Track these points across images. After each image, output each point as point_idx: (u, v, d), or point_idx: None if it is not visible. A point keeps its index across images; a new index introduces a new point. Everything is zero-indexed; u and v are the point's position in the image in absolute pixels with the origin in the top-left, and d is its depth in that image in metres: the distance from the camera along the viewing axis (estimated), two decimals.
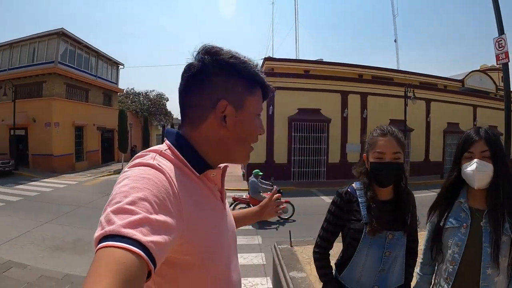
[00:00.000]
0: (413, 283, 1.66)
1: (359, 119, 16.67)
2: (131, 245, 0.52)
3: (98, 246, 0.53)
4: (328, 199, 11.28)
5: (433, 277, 1.60)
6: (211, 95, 0.78)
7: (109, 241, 0.52)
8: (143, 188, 0.61)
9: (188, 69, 0.80)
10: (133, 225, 0.54)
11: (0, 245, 5.66)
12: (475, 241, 1.36)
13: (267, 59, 18.79)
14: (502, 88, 28.18)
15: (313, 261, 1.67)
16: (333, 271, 1.63)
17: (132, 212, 0.56)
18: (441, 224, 1.49)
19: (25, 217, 7.80)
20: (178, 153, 0.77)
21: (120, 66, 26.65)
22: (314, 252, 1.64)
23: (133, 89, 32.38)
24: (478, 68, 27.87)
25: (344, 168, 16.17)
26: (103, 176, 17.03)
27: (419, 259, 1.66)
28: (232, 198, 8.43)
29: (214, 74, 0.77)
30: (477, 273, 1.34)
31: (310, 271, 3.72)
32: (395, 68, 24.14)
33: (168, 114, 34.25)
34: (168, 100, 33.90)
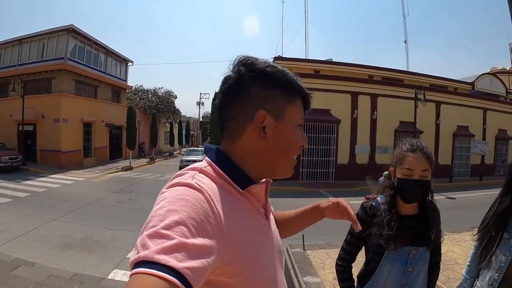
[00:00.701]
0: (456, 283, 1.74)
1: (369, 121, 16.57)
2: (164, 272, 0.51)
3: (132, 271, 0.53)
4: None
5: (476, 280, 1.63)
6: (248, 106, 0.75)
7: (142, 267, 0.52)
8: (179, 211, 0.60)
9: (225, 82, 0.79)
10: (168, 251, 0.54)
11: (8, 242, 5.62)
12: None
13: (277, 58, 18.70)
14: None
15: (326, 266, 1.67)
16: (355, 284, 1.64)
17: (167, 237, 0.55)
18: (501, 233, 1.48)
19: (32, 213, 7.73)
20: (219, 169, 0.75)
21: (129, 63, 26.68)
22: (337, 265, 1.65)
23: (141, 86, 32.38)
24: (488, 70, 27.64)
25: (353, 169, 16.20)
26: (110, 173, 17.05)
27: (467, 262, 1.70)
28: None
29: (251, 85, 0.75)
30: None
31: (324, 276, 3.68)
32: (405, 69, 24.01)
33: (176, 111, 34.08)
34: (176, 97, 33.79)
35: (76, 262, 4.85)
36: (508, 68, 28.82)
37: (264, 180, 0.84)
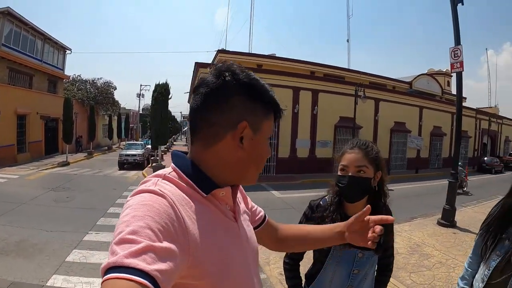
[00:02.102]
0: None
1: (310, 115, 16.95)
2: (135, 275, 0.52)
3: (103, 278, 0.53)
4: (278, 194, 11.41)
5: (476, 274, 1.71)
6: (231, 114, 0.74)
7: (113, 272, 0.52)
8: (144, 216, 0.60)
9: (206, 84, 0.76)
10: (136, 254, 0.54)
11: None
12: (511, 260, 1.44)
13: (220, 51, 18.59)
14: (448, 91, 30.28)
15: (271, 262, 1.58)
16: (303, 283, 1.61)
17: (134, 242, 0.56)
18: (501, 232, 1.56)
19: None
20: (183, 174, 0.75)
21: (67, 51, 25.02)
22: (285, 263, 1.61)
23: (80, 76, 30.41)
24: (426, 71, 29.40)
25: (293, 163, 16.46)
26: (46, 169, 15.87)
27: (469, 254, 1.74)
28: None
29: (236, 93, 0.75)
30: (504, 286, 1.42)
31: (270, 272, 3.65)
32: (346, 67, 24.87)
33: (115, 103, 32.60)
34: (116, 88, 32.19)
35: (12, 269, 4.39)
36: (444, 70, 30.86)
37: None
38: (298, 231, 1.15)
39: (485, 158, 24.81)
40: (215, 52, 19.56)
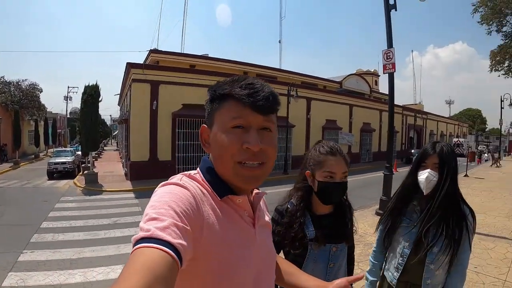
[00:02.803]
0: (367, 268, 1.90)
1: None
2: (163, 245, 0.57)
3: (134, 248, 0.57)
4: None
5: (384, 264, 1.82)
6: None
7: (142, 243, 0.57)
8: (169, 201, 0.67)
9: None
10: (162, 229, 0.60)
11: None
12: (422, 238, 1.57)
13: (153, 51, 18.10)
14: (375, 90, 32.32)
15: None
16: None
17: (160, 220, 0.62)
18: (396, 222, 1.71)
19: None
20: (203, 177, 0.81)
21: None
22: None
23: (3, 77, 27.40)
24: (355, 72, 31.20)
25: None
26: None
27: (373, 247, 1.87)
28: None
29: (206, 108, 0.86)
30: (422, 267, 1.57)
31: None
32: (279, 67, 25.57)
33: (41, 107, 29.99)
34: (42, 91, 29.74)
35: None
36: (372, 70, 33.01)
37: (256, 192, 0.91)
38: (287, 266, 1.16)
39: (413, 151, 26.85)
40: (147, 52, 19.01)
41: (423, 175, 1.61)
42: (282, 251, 1.59)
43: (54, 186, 13.50)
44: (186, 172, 0.82)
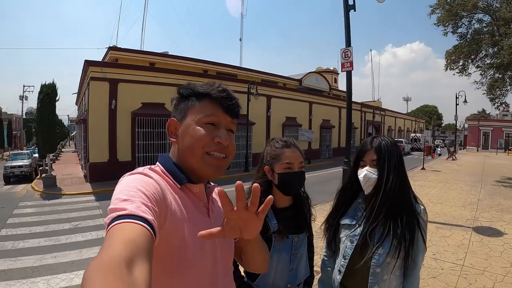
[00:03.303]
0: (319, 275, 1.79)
1: None
2: (140, 221, 0.61)
3: (109, 227, 0.60)
4: None
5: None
6: (170, 117, 0.96)
7: (120, 219, 0.61)
8: (136, 185, 0.73)
9: None
10: (136, 207, 0.64)
11: None
12: (368, 240, 1.45)
13: (112, 48, 17.82)
14: (335, 87, 33.26)
15: None
16: (245, 280, 1.63)
17: (131, 200, 0.67)
18: (339, 220, 1.62)
19: None
20: (163, 168, 0.90)
21: None
22: None
23: None
24: (315, 70, 32.10)
25: None
26: None
27: (324, 253, 1.78)
28: None
29: (174, 104, 0.97)
30: (367, 270, 1.42)
31: None
32: (239, 65, 25.85)
33: None
34: None
35: None
36: (332, 68, 34.13)
37: (213, 184, 1.00)
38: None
39: None
40: (106, 49, 18.67)
41: (361, 174, 1.52)
42: None
43: (11, 191, 13.00)
44: (146, 166, 0.89)
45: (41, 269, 5.00)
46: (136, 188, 0.72)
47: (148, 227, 0.61)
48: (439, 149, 32.41)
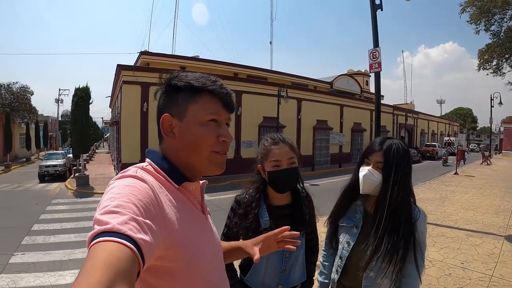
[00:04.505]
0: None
1: (234, 116, 17.20)
2: (123, 239, 0.55)
3: (92, 243, 0.55)
4: (206, 196, 11.07)
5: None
6: (159, 112, 0.86)
7: (103, 236, 0.55)
8: (128, 194, 0.66)
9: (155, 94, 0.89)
10: (123, 223, 0.58)
11: None
12: (363, 242, 1.44)
13: (143, 53, 18.11)
14: (366, 90, 32.56)
15: None
16: (238, 274, 1.65)
17: (119, 213, 0.60)
18: (339, 221, 1.61)
19: None
20: (157, 167, 0.82)
21: None
22: None
23: None
24: (346, 72, 31.43)
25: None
26: None
27: (322, 249, 1.78)
28: None
29: (162, 95, 0.87)
30: (362, 272, 1.43)
31: None
32: (269, 68, 25.73)
33: (32, 110, 29.63)
34: (33, 94, 29.28)
35: None
36: (363, 71, 33.28)
37: (202, 181, 0.93)
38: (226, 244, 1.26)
39: None
40: (138, 53, 19.04)
41: (363, 172, 1.46)
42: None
43: (45, 189, 13.45)
44: (138, 165, 0.83)
45: (70, 263, 5.11)
46: (128, 198, 0.65)
47: (134, 247, 0.55)
48: (466, 153, 30.78)
